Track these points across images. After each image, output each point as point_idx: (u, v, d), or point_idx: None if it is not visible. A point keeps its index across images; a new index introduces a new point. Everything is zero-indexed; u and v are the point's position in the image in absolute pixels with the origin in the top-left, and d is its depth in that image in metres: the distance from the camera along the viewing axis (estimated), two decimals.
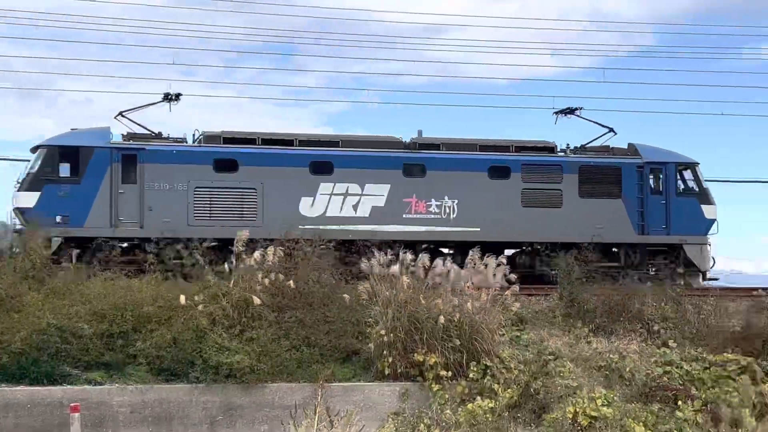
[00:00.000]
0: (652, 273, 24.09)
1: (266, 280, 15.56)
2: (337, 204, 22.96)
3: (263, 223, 22.06)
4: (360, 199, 23.10)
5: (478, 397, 13.98)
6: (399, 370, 14.61)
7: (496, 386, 14.15)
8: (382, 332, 14.68)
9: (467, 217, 23.49)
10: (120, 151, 22.03)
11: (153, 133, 23.23)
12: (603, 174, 24.55)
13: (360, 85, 66.87)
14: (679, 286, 20.28)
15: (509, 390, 14.03)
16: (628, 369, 15.22)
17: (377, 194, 23.19)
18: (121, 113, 23.58)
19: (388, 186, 23.21)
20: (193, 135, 23.58)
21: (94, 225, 21.65)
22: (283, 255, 16.43)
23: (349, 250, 21.30)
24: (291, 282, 15.72)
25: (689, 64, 51.36)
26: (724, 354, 15.77)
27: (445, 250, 23.06)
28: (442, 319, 14.57)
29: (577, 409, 13.13)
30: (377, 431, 13.49)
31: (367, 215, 23.10)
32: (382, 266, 15.36)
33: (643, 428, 13.11)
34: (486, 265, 15.82)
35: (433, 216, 23.41)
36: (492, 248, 19.36)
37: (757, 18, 77.76)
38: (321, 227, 21.84)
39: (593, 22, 62.76)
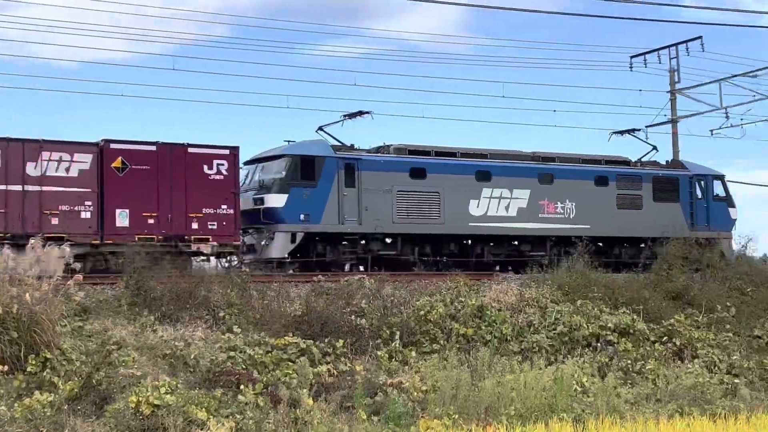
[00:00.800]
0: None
1: None
2: (495, 205, 28.01)
3: (444, 221, 27.22)
4: (510, 202, 28.26)
5: (37, 392, 13.34)
6: None
7: (56, 379, 13.60)
8: None
9: (581, 216, 29.14)
10: (344, 160, 26.11)
11: (344, 144, 27.12)
12: (667, 183, 31.25)
13: None
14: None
15: (70, 382, 13.56)
16: (192, 356, 15.36)
17: (521, 197, 28.42)
18: (320, 128, 27.90)
19: (529, 191, 28.49)
20: (385, 145, 27.63)
21: (327, 222, 25.48)
22: None
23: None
24: None
25: (260, 56, 53.02)
26: (285, 337, 16.44)
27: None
28: None
29: (140, 399, 12.99)
30: None
31: (515, 215, 28.27)
32: None
33: (206, 414, 13.28)
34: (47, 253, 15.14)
35: (558, 216, 28.92)
36: (595, 242, 26.75)
37: (319, 17, 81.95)
38: (484, 224, 27.67)
39: (166, 9, 62.45)
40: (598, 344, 19.74)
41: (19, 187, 21.51)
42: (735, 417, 15.70)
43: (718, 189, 32.28)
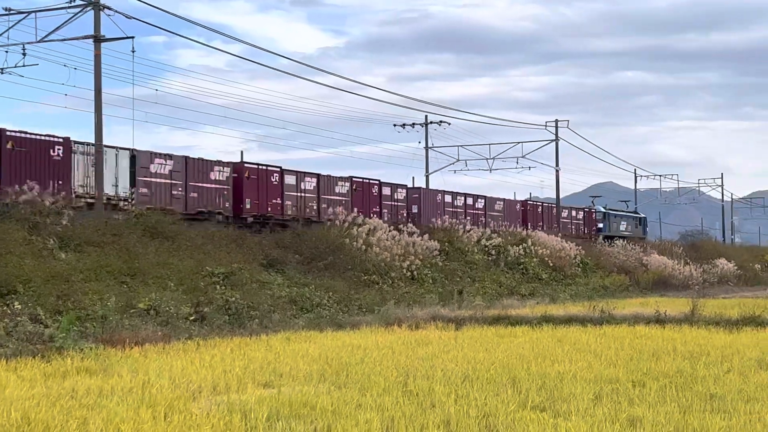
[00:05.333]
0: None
1: None
2: (622, 227, 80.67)
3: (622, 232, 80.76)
4: (621, 226, 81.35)
5: None
6: None
7: None
8: None
9: (628, 230, 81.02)
10: (607, 212, 79.99)
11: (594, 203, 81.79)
12: (640, 219, 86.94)
13: None
14: None
15: None
16: None
17: (625, 224, 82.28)
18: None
19: (626, 223, 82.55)
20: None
21: (608, 232, 76.46)
22: None
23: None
24: None
25: None
26: None
27: None
28: None
29: None
30: None
31: (623, 230, 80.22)
32: None
33: None
34: None
35: (626, 231, 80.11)
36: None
37: None
38: (619, 233, 78.35)
39: None
40: None
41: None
42: None
43: (644, 220, 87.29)
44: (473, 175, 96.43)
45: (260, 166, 40.13)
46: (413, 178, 59.57)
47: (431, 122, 69.28)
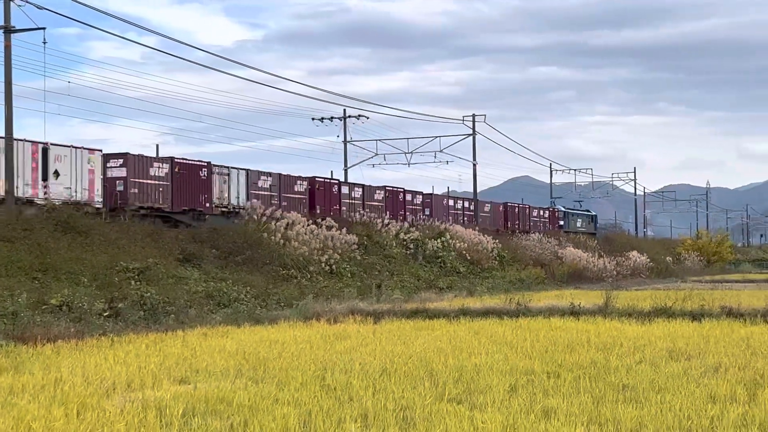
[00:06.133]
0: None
1: None
2: (579, 224, 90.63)
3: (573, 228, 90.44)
4: (577, 223, 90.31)
5: None
6: None
7: None
8: None
9: (584, 227, 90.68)
10: (564, 211, 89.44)
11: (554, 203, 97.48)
12: (593, 217, 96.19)
13: None
14: None
15: None
16: None
17: (581, 221, 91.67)
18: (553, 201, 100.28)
19: (581, 220, 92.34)
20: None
21: (570, 229, 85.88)
22: None
23: None
24: None
25: None
26: None
27: None
28: None
29: None
30: None
31: (579, 226, 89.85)
32: None
33: None
34: None
35: (581, 227, 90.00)
36: None
37: None
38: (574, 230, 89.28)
39: None
40: None
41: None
42: None
43: (595, 218, 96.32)
44: (392, 169, 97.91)
45: (326, 180, 51.64)
46: (332, 172, 59.91)
47: (349, 116, 69.35)
